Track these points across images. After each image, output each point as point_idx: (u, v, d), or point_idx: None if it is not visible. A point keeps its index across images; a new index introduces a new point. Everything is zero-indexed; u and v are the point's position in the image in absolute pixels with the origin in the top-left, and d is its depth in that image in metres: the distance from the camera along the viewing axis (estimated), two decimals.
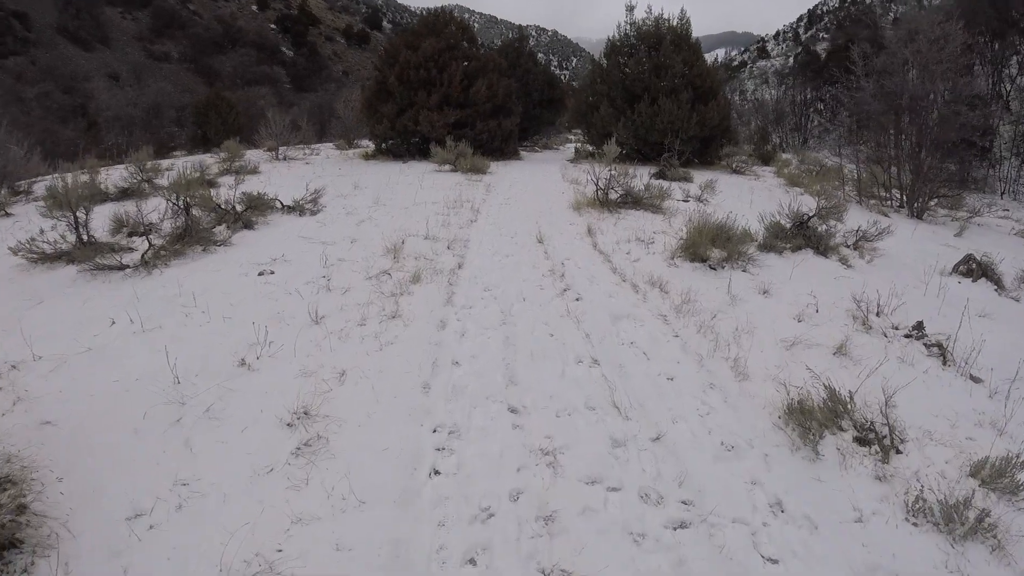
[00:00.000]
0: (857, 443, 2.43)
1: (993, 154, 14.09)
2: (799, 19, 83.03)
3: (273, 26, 59.70)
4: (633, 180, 6.45)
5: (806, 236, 5.18)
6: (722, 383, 2.72)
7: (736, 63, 72.44)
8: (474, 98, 11.15)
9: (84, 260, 4.22)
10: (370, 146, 12.36)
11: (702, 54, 11.88)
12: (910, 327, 3.59)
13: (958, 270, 5.22)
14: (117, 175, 8.04)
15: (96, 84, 31.99)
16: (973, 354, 3.26)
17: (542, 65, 18.01)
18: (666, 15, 11.83)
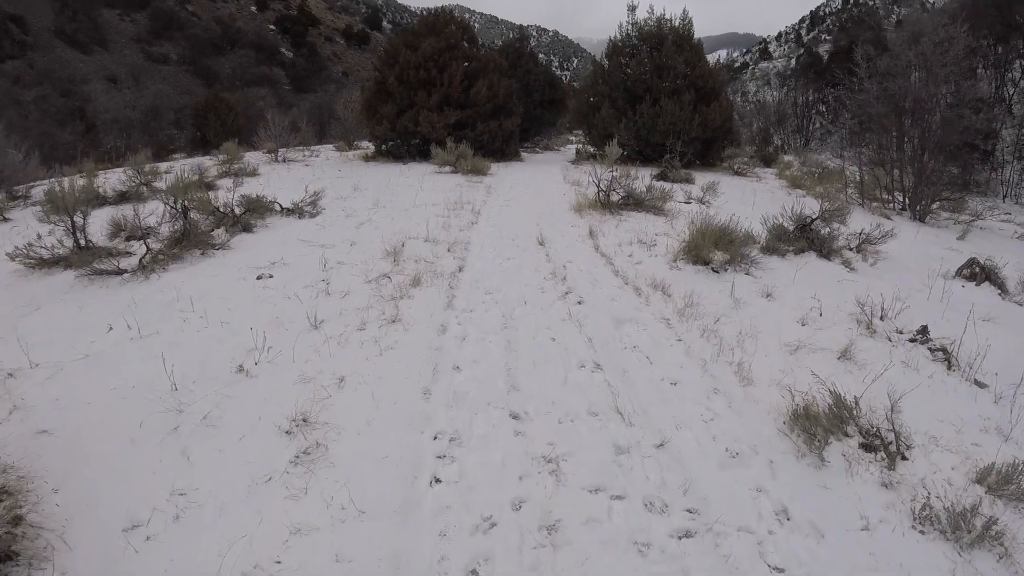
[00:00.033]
0: (863, 449, 2.40)
1: (995, 157, 14.07)
2: (801, 20, 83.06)
3: (272, 27, 59.68)
4: (635, 182, 6.42)
5: (809, 239, 5.15)
6: (726, 388, 2.69)
7: (738, 64, 72.48)
8: (474, 99, 11.11)
9: (81, 265, 4.19)
10: (370, 147, 12.34)
11: (704, 55, 11.85)
12: (914, 331, 3.57)
13: (961, 274, 5.19)
14: (115, 178, 8.01)
15: (94, 87, 32.01)
16: (978, 359, 3.23)
17: (543, 65, 17.99)
18: (668, 15, 11.81)
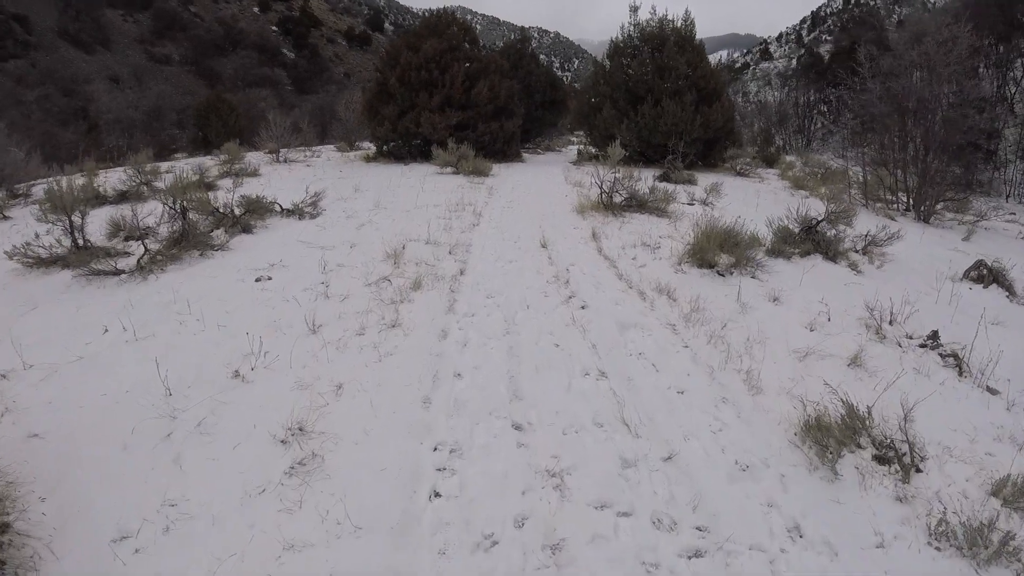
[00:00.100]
0: (876, 461, 2.33)
1: (998, 157, 13.98)
2: (802, 21, 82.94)
3: (275, 28, 59.75)
4: (637, 183, 6.35)
5: (815, 241, 5.08)
6: (735, 397, 2.62)
7: (739, 65, 72.36)
8: (476, 100, 11.06)
9: (79, 265, 4.14)
10: (371, 148, 12.29)
11: (706, 55, 11.78)
12: (925, 336, 3.49)
13: (969, 276, 5.12)
14: (116, 178, 7.98)
15: (97, 87, 32.03)
16: (990, 365, 3.16)
17: (544, 66, 17.92)
18: (670, 16, 11.75)
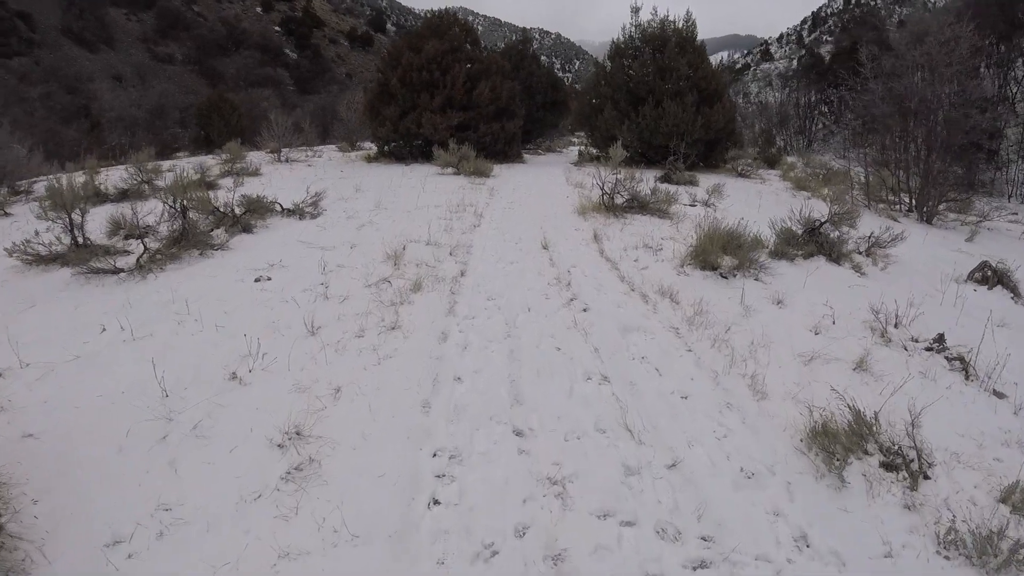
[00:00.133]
0: (884, 468, 2.28)
1: (1000, 157, 13.90)
2: (803, 22, 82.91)
3: (277, 28, 59.80)
4: (639, 184, 6.31)
5: (818, 243, 5.04)
6: (739, 402, 2.57)
7: (739, 66, 72.27)
8: (477, 100, 11.03)
9: (78, 263, 4.12)
10: (373, 148, 12.27)
11: (707, 56, 11.75)
12: (931, 340, 3.44)
13: (973, 277, 5.08)
14: (117, 176, 7.96)
15: (100, 85, 32.06)
16: (997, 368, 3.12)
17: (545, 67, 17.88)
18: (671, 17, 11.72)
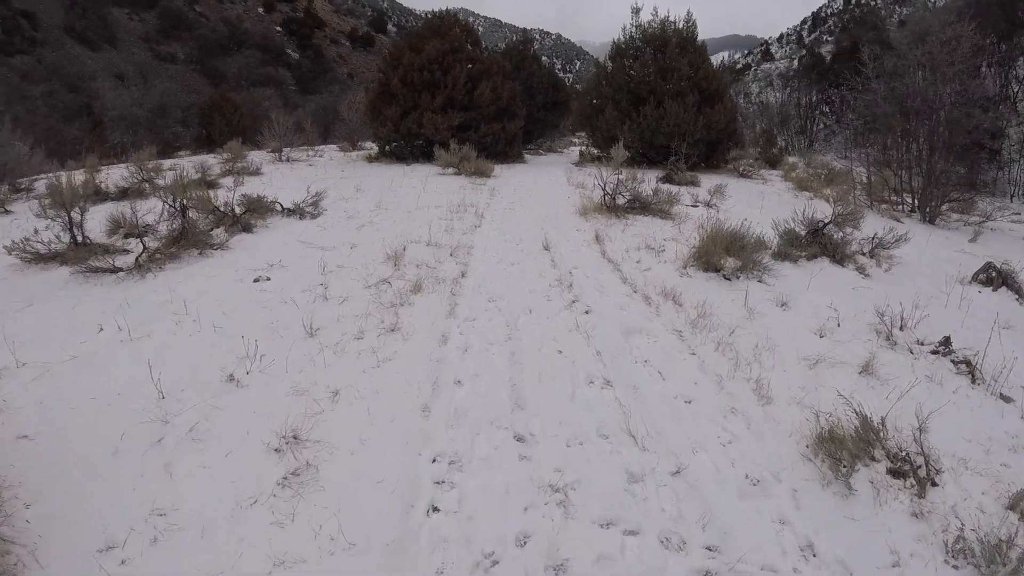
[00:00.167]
0: (891, 475, 2.24)
1: (1002, 156, 13.83)
2: (803, 22, 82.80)
3: (279, 28, 59.85)
4: (641, 184, 6.28)
5: (822, 244, 4.99)
6: (744, 407, 2.53)
7: (740, 66, 72.16)
8: (478, 101, 11.00)
9: (77, 262, 4.09)
10: (374, 148, 12.25)
11: (708, 56, 11.71)
12: (936, 342, 3.40)
13: (977, 279, 5.04)
14: (118, 174, 7.94)
15: (102, 84, 32.05)
16: (1003, 372, 3.08)
17: (546, 68, 17.85)
18: (672, 17, 11.69)
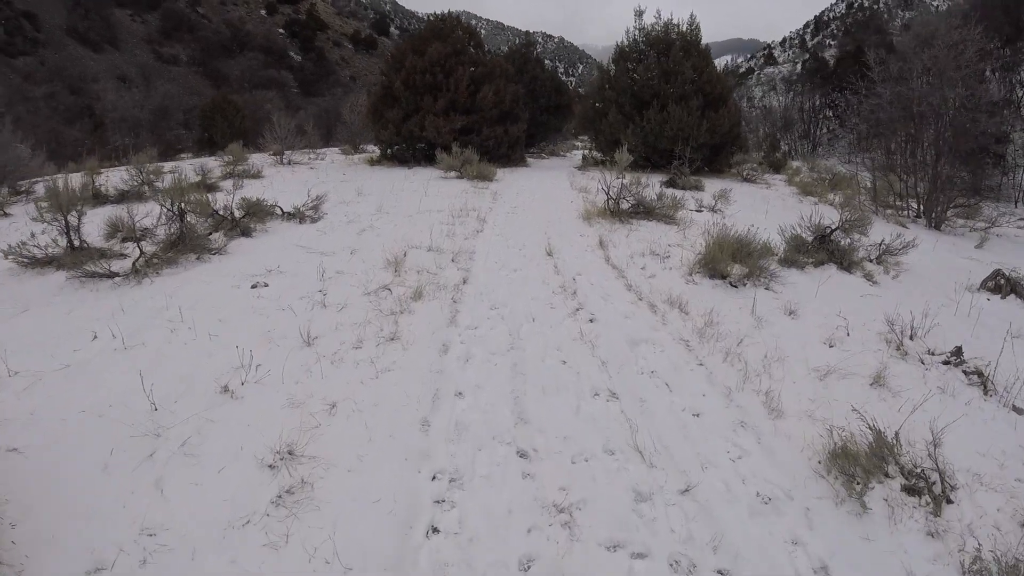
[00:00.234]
0: (906, 492, 2.17)
1: (1007, 162, 13.75)
2: (805, 25, 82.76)
3: (281, 31, 59.97)
4: (644, 189, 6.21)
5: (829, 250, 4.92)
6: (754, 421, 2.45)
7: (743, 70, 72.15)
8: (481, 104, 10.95)
9: (73, 267, 4.03)
10: (375, 151, 12.21)
11: (712, 60, 11.66)
12: (948, 353, 3.32)
13: (986, 286, 4.97)
14: (118, 177, 7.89)
15: (104, 85, 32.08)
16: (1016, 383, 3.01)
17: (549, 71, 17.80)
18: (675, 20, 11.65)
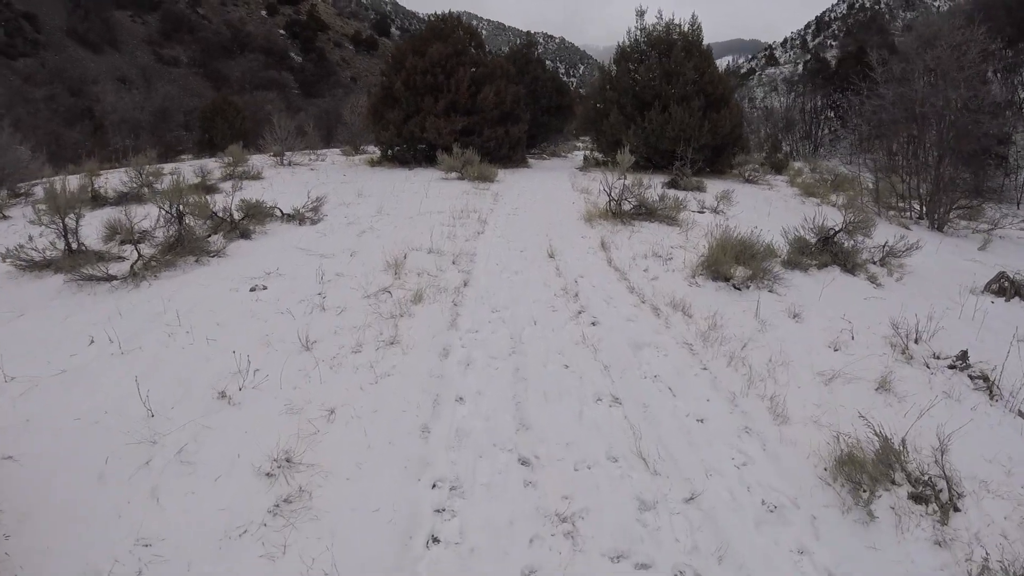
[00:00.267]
0: (912, 500, 2.13)
1: (1009, 163, 13.70)
2: (807, 26, 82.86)
3: (282, 31, 60.02)
4: (646, 190, 6.18)
5: (832, 252, 4.89)
6: (759, 427, 2.41)
7: (744, 70, 72.14)
8: (481, 104, 10.92)
9: (71, 270, 4.00)
10: (376, 152, 12.19)
11: (713, 60, 11.64)
12: (953, 357, 3.29)
13: (990, 288, 4.93)
14: (117, 179, 7.87)
15: (104, 87, 32.10)
16: (1022, 388, 2.97)
17: (550, 71, 17.77)
18: (677, 20, 11.63)
